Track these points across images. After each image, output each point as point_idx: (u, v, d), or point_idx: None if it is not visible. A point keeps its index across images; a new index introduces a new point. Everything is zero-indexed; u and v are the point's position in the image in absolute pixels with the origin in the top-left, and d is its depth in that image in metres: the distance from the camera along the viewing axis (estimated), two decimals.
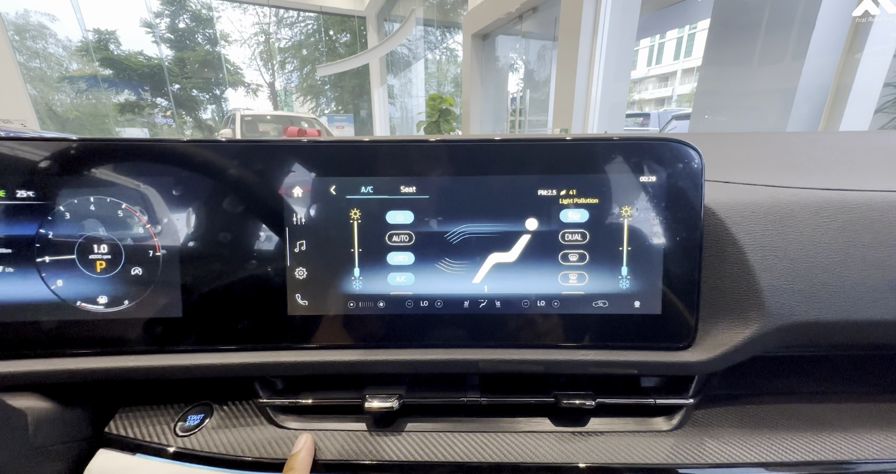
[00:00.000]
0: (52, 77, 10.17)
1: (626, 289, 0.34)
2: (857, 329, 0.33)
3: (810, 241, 0.33)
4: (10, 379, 0.33)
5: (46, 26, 9.65)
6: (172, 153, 0.34)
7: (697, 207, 0.33)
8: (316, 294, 0.35)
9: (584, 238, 0.34)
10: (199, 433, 0.35)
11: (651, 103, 23.00)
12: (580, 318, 0.35)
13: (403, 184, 0.34)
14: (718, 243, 0.34)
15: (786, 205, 0.34)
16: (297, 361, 0.35)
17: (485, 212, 0.34)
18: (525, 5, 4.69)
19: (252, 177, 0.34)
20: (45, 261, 0.34)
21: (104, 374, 0.34)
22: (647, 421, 0.36)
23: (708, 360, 0.33)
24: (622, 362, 0.34)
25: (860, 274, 0.32)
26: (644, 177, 0.33)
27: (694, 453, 0.32)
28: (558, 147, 0.34)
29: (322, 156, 0.34)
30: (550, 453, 0.33)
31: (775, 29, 2.82)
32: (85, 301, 0.34)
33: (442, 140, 0.34)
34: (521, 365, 0.34)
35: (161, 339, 0.35)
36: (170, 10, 11.25)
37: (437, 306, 0.35)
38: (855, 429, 0.34)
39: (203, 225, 0.34)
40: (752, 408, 0.37)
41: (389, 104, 11.67)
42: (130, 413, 0.37)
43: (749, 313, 0.33)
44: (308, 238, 0.35)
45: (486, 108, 6.32)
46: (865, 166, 0.41)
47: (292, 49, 13.55)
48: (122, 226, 0.34)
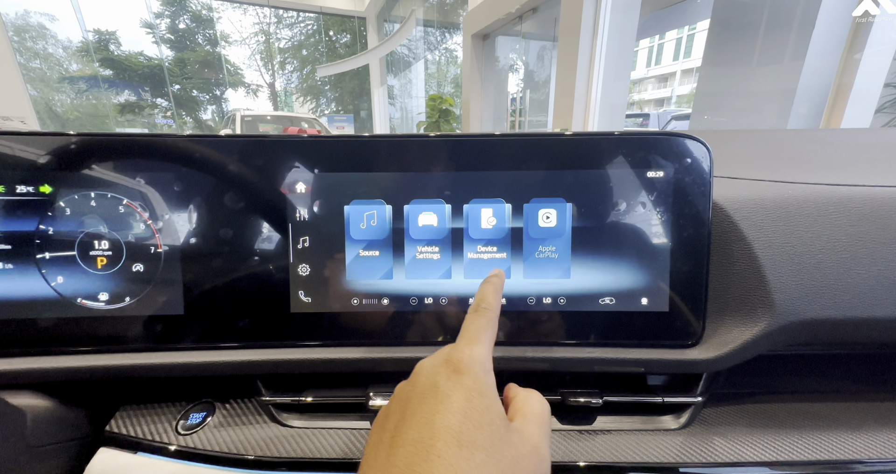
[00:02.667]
0: (52, 77, 10.17)
1: (633, 285, 0.34)
2: (866, 326, 0.32)
3: (819, 238, 0.32)
4: (9, 376, 0.33)
5: (46, 27, 9.66)
6: (174, 149, 0.34)
7: (706, 203, 0.33)
8: (319, 291, 0.35)
9: (591, 234, 0.34)
10: (201, 431, 0.35)
11: (650, 104, 23.03)
12: (586, 315, 0.34)
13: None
14: (726, 240, 0.33)
15: (794, 201, 0.33)
16: (299, 359, 0.34)
17: (489, 208, 0.34)
18: (525, 6, 4.70)
19: (255, 173, 0.34)
20: (45, 257, 0.33)
21: (105, 372, 0.34)
22: (654, 420, 0.35)
23: (716, 358, 0.33)
24: (629, 360, 0.34)
25: (869, 271, 0.32)
26: (652, 172, 0.33)
27: (703, 452, 0.32)
28: (565, 142, 0.33)
29: (325, 152, 0.34)
30: (557, 451, 0.33)
31: (775, 29, 2.82)
32: (85, 298, 0.34)
33: (445, 136, 0.34)
34: (527, 362, 0.34)
35: (162, 337, 0.35)
36: (170, 11, 11.26)
37: (442, 303, 0.35)
38: (865, 428, 0.34)
39: (205, 221, 0.34)
40: (761, 407, 0.37)
41: (389, 104, 11.67)
42: (131, 411, 0.36)
43: (757, 310, 0.32)
44: (311, 234, 0.34)
45: (486, 108, 6.32)
46: (872, 162, 0.41)
47: (292, 49, 13.56)
48: (124, 222, 0.34)
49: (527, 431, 0.22)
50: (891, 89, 2.55)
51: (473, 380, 0.21)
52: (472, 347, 0.23)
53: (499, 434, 0.20)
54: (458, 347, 0.23)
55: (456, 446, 0.18)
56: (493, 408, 0.20)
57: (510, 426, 0.21)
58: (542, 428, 0.23)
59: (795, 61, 2.65)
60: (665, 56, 22.65)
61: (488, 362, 0.23)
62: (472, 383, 0.21)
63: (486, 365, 0.22)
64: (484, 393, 0.21)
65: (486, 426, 0.20)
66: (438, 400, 0.20)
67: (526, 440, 0.21)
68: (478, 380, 0.21)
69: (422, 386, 0.21)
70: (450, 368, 0.22)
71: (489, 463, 0.18)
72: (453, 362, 0.22)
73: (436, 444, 0.18)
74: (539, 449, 0.21)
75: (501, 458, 0.19)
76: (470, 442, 0.19)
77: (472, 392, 0.20)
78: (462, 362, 0.22)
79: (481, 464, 0.18)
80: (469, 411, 0.20)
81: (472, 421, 0.19)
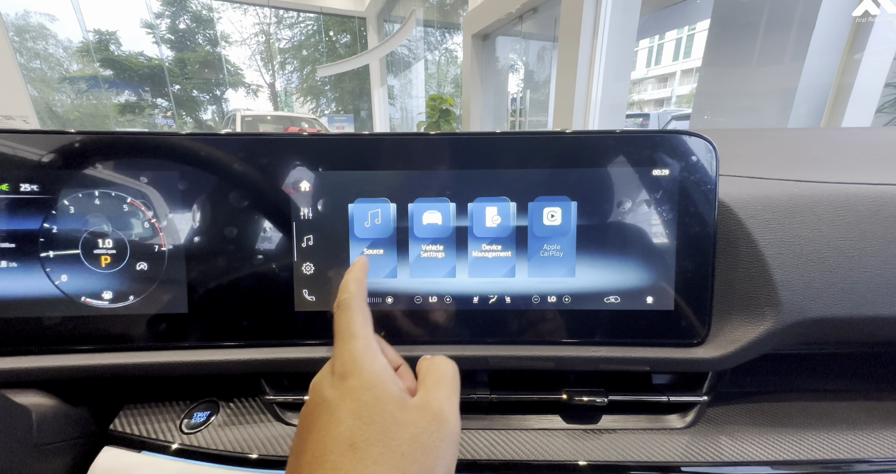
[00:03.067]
0: (52, 78, 10.17)
1: (638, 284, 0.34)
2: (873, 325, 0.32)
3: (826, 236, 0.32)
4: (13, 375, 0.33)
5: (46, 27, 9.66)
6: (178, 147, 0.33)
7: (711, 201, 0.33)
8: (323, 290, 0.35)
9: (596, 232, 0.33)
10: (205, 430, 0.34)
11: (650, 104, 23.03)
12: (591, 314, 0.34)
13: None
14: (732, 238, 0.33)
15: (801, 200, 0.33)
16: (304, 358, 0.34)
17: (494, 206, 0.34)
18: (525, 6, 4.70)
19: (259, 171, 0.34)
20: (49, 255, 0.33)
21: (109, 371, 0.33)
22: (660, 419, 0.35)
23: (722, 357, 0.33)
24: (634, 359, 0.34)
25: (877, 269, 0.32)
26: (657, 170, 0.33)
27: (709, 451, 0.32)
28: (570, 141, 0.33)
29: (329, 150, 0.34)
30: (562, 451, 0.33)
31: (775, 29, 2.82)
32: (89, 296, 0.34)
33: (450, 135, 0.34)
34: (532, 361, 0.34)
35: (166, 335, 0.35)
36: (170, 11, 11.26)
37: (446, 302, 0.34)
38: (871, 428, 0.34)
39: (209, 219, 0.34)
40: (767, 406, 0.36)
41: (389, 105, 11.67)
42: (135, 410, 0.36)
43: (763, 309, 0.32)
44: (315, 233, 0.34)
45: (486, 108, 6.31)
46: (879, 161, 0.41)
47: (292, 50, 13.56)
48: (127, 221, 0.34)
49: (426, 401, 0.22)
50: (891, 89, 2.55)
51: (359, 378, 0.21)
52: (348, 344, 0.23)
53: (392, 419, 0.20)
54: (337, 351, 0.23)
55: (349, 452, 0.18)
56: (382, 398, 0.21)
57: (406, 405, 0.21)
58: (445, 391, 0.23)
59: (796, 61, 2.65)
60: (665, 56, 22.66)
61: (371, 350, 0.23)
62: (357, 382, 0.21)
63: (369, 355, 0.22)
64: (371, 385, 0.21)
65: (378, 418, 0.20)
66: (329, 412, 0.20)
67: (425, 411, 0.21)
68: (363, 376, 0.21)
69: (313, 405, 0.22)
70: (335, 376, 0.22)
71: (386, 454, 0.18)
72: (337, 368, 0.22)
73: (329, 458, 0.18)
74: (441, 414, 0.21)
75: (400, 442, 0.19)
76: (363, 441, 0.19)
77: (358, 391, 0.21)
78: (345, 365, 0.22)
79: (378, 459, 0.18)
80: (359, 411, 0.20)
81: (362, 419, 0.20)
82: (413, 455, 0.19)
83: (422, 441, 0.20)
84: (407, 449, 0.19)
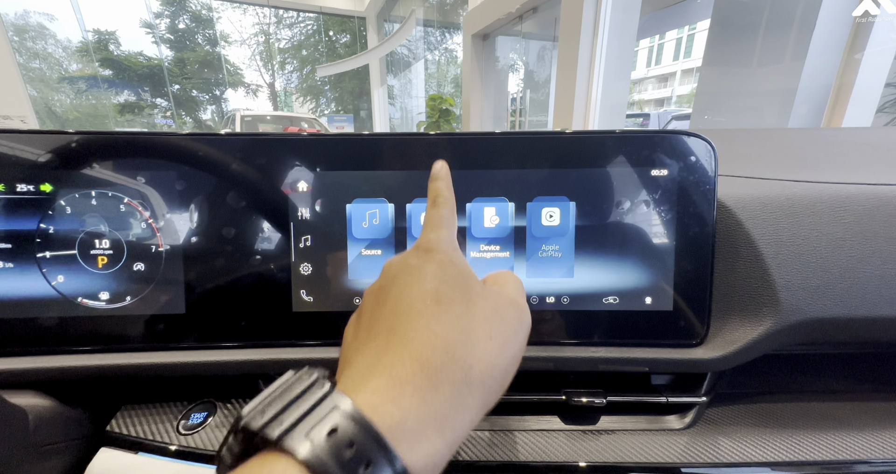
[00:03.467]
0: (51, 77, 10.17)
1: (637, 284, 0.34)
2: (872, 326, 0.32)
3: (825, 236, 0.32)
4: (10, 376, 0.33)
5: (46, 27, 9.65)
6: (176, 147, 0.33)
7: (710, 201, 0.33)
8: (321, 290, 0.34)
9: (595, 233, 0.33)
10: (203, 431, 0.34)
11: (650, 104, 23.03)
12: (590, 315, 0.34)
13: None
14: (731, 238, 0.33)
15: (799, 200, 0.33)
16: (301, 358, 0.34)
17: (493, 206, 0.34)
18: (525, 6, 4.69)
19: (257, 171, 0.34)
20: (45, 256, 0.33)
21: (106, 372, 0.33)
22: (659, 420, 0.35)
23: (721, 357, 0.33)
24: (633, 359, 0.33)
25: (876, 269, 0.31)
26: (656, 170, 0.33)
27: (708, 452, 0.32)
28: (569, 141, 0.33)
29: (327, 150, 0.34)
30: (561, 452, 0.32)
31: (775, 29, 2.82)
32: (86, 297, 0.34)
33: (448, 135, 0.34)
34: (530, 362, 0.34)
35: (163, 336, 0.34)
36: (170, 11, 11.26)
37: None
38: (871, 428, 0.34)
39: (206, 220, 0.34)
40: (766, 407, 0.36)
41: (389, 104, 11.66)
42: (132, 411, 0.36)
43: (762, 309, 0.32)
44: (313, 233, 0.34)
45: (486, 108, 6.31)
46: (878, 161, 0.41)
47: (292, 49, 13.55)
48: (124, 221, 0.34)
49: (503, 290, 0.22)
50: (891, 89, 2.55)
51: (444, 254, 0.21)
52: (437, 231, 0.23)
53: (475, 290, 0.21)
54: (425, 234, 0.23)
55: (434, 304, 0.19)
56: (465, 273, 0.21)
57: (486, 286, 0.22)
58: (519, 289, 0.24)
59: (796, 61, 2.65)
60: (665, 56, 22.66)
61: (455, 243, 0.23)
62: (443, 256, 0.21)
63: (453, 244, 0.23)
64: (456, 262, 0.21)
65: (462, 286, 0.20)
66: (412, 274, 0.20)
67: (503, 296, 0.22)
68: (449, 254, 0.22)
69: (394, 271, 0.22)
70: (419, 250, 0.22)
71: (468, 314, 0.19)
72: (422, 245, 0.22)
73: (415, 306, 0.19)
74: (517, 301, 0.22)
75: (482, 308, 0.20)
76: (448, 299, 0.19)
77: (443, 263, 0.21)
78: (430, 243, 0.22)
79: (461, 315, 0.19)
80: (443, 276, 0.20)
81: (447, 284, 0.20)
82: (493, 322, 0.20)
83: (501, 314, 0.20)
84: (489, 315, 0.20)
